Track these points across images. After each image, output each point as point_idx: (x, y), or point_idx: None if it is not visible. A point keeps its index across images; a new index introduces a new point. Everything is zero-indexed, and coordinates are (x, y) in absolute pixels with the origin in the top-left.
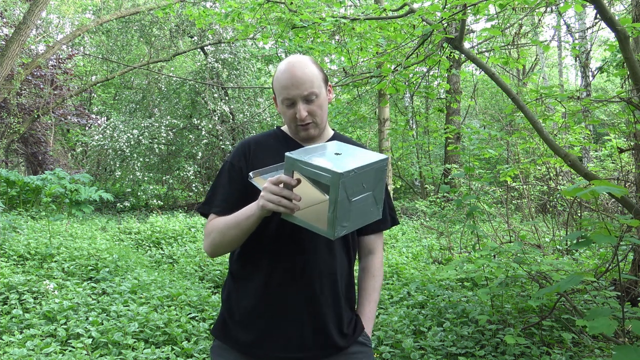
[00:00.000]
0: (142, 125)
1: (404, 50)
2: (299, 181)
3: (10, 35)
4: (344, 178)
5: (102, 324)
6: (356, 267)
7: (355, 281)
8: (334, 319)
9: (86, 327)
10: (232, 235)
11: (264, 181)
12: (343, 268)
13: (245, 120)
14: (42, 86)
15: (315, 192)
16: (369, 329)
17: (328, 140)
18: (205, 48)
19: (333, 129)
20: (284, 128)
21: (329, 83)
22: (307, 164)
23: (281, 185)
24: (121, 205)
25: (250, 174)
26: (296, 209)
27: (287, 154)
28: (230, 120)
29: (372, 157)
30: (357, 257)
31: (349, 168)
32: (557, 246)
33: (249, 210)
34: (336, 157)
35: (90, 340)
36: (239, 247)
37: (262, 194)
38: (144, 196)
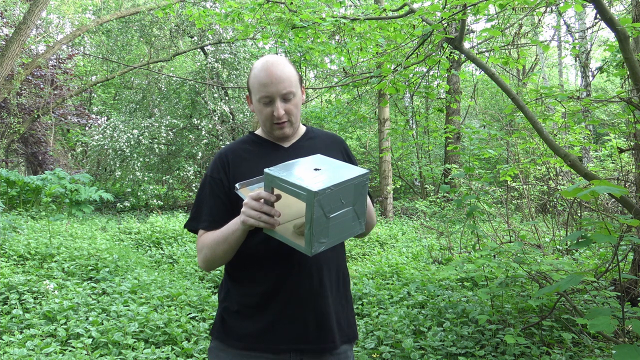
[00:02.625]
0: (142, 125)
1: (404, 51)
2: (278, 197)
3: (10, 35)
4: (319, 196)
5: (102, 324)
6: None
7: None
8: (332, 312)
9: (86, 327)
10: (222, 250)
11: (250, 192)
12: (340, 262)
13: (245, 120)
14: (42, 86)
15: (298, 204)
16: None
17: (302, 137)
18: (205, 48)
19: (305, 124)
20: (258, 132)
21: (302, 85)
22: (284, 181)
23: (261, 201)
24: (121, 205)
25: (237, 185)
26: (276, 224)
27: (265, 170)
28: (230, 120)
29: (353, 172)
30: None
31: (324, 186)
32: (557, 246)
33: (234, 225)
34: (314, 173)
35: (90, 340)
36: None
37: (242, 209)
38: (144, 196)
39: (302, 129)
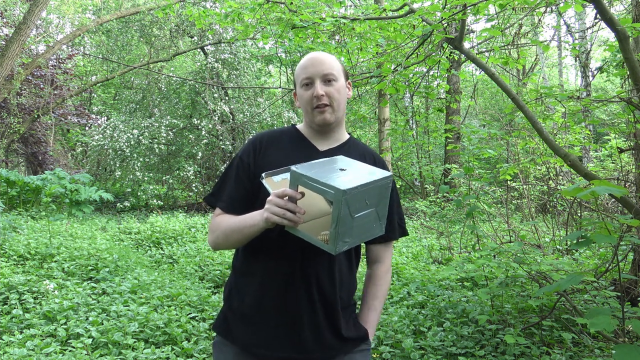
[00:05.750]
0: (142, 125)
1: (404, 51)
2: (303, 195)
3: (10, 35)
4: (347, 195)
5: (102, 324)
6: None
7: (357, 286)
8: (332, 321)
9: (86, 327)
10: (234, 239)
11: (274, 183)
12: (343, 271)
13: (245, 120)
14: (42, 86)
15: (321, 204)
16: (370, 336)
17: (340, 145)
18: (205, 48)
19: (349, 133)
20: (300, 127)
21: (349, 80)
22: (311, 179)
23: (286, 198)
24: (121, 205)
25: (263, 175)
26: (299, 222)
27: (292, 167)
28: (230, 120)
29: (377, 174)
30: (360, 262)
31: (352, 185)
32: (557, 246)
33: (254, 220)
34: (341, 172)
35: (90, 340)
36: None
37: (266, 206)
38: (144, 196)
39: (345, 137)
